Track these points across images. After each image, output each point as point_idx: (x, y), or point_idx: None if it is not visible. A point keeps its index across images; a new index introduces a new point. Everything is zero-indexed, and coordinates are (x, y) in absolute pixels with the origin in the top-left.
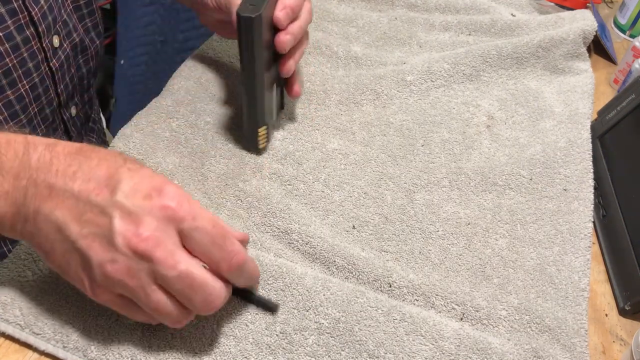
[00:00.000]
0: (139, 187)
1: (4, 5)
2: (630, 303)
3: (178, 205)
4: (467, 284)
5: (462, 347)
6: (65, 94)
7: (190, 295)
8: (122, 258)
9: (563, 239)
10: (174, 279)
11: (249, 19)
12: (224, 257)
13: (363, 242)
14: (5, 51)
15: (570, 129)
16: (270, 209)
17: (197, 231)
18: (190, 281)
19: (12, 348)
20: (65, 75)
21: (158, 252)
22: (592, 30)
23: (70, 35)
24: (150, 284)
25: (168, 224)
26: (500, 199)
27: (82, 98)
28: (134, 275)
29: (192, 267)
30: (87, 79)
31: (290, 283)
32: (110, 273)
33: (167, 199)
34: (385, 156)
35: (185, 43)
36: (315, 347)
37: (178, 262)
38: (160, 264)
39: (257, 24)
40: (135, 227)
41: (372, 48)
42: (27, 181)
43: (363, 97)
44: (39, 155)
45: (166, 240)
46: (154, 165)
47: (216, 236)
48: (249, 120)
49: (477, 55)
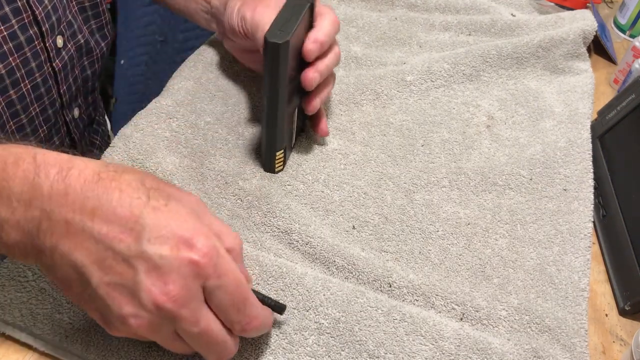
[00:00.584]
0: (166, 234)
1: (8, 4)
2: (630, 303)
3: (206, 262)
4: (467, 284)
5: (462, 347)
6: (68, 95)
7: (206, 350)
8: (145, 314)
9: (563, 239)
10: (194, 335)
11: (276, 45)
12: (240, 320)
13: (363, 242)
14: (9, 50)
15: (570, 129)
16: (270, 209)
17: (220, 290)
18: (208, 339)
19: (12, 348)
20: (69, 76)
21: (184, 311)
22: (592, 30)
23: (75, 36)
24: (170, 336)
25: (195, 280)
26: (500, 199)
27: (86, 100)
28: (156, 329)
29: (212, 325)
30: (92, 81)
31: (290, 283)
32: (132, 325)
33: (197, 253)
34: (385, 156)
35: (185, 43)
36: (315, 347)
37: (200, 320)
38: (184, 321)
39: (284, 50)
40: (162, 284)
41: (372, 48)
42: (40, 212)
43: (363, 97)
44: (51, 181)
45: (192, 298)
46: (154, 165)
47: (238, 299)
48: (267, 144)
49: (477, 55)
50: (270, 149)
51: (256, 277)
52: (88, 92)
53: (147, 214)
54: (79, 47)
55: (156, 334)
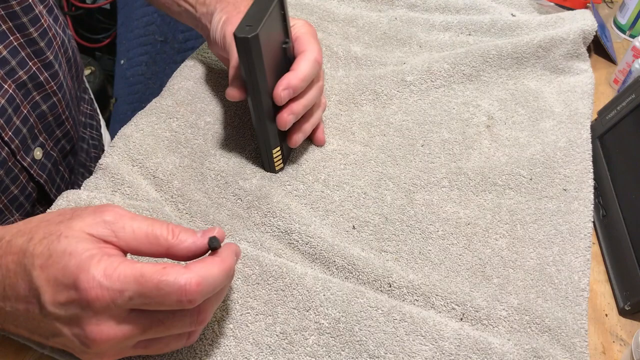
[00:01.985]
0: (57, 288)
1: None
2: (630, 303)
3: (96, 292)
4: (467, 284)
5: (462, 347)
6: (19, 139)
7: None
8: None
9: (563, 239)
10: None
11: (245, 39)
12: (174, 300)
13: (363, 242)
14: None
15: (570, 129)
16: (270, 209)
17: (132, 300)
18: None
19: (12, 348)
20: (13, 119)
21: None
22: (592, 30)
23: (14, 73)
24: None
25: (104, 310)
26: (500, 199)
27: (53, 135)
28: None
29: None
30: (54, 114)
31: (290, 283)
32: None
33: (84, 292)
34: (385, 156)
35: (185, 43)
36: (315, 347)
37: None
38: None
39: (254, 44)
40: (82, 332)
41: (372, 48)
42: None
43: (363, 98)
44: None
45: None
46: (154, 165)
47: (150, 291)
48: (261, 143)
49: (477, 55)
50: (266, 148)
51: (256, 277)
52: (52, 126)
53: (36, 276)
54: (22, 85)
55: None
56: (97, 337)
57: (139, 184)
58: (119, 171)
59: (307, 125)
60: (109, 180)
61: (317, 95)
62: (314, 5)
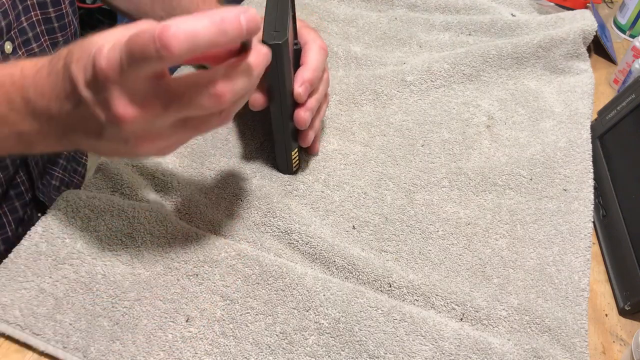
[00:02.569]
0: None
1: None
2: (630, 303)
3: (102, 62)
4: (467, 284)
5: (462, 347)
6: None
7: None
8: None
9: (563, 239)
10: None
11: (278, 46)
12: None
13: (363, 242)
14: None
15: (570, 129)
16: (270, 209)
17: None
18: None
19: (12, 348)
20: None
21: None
22: (592, 30)
23: (28, 44)
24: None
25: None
26: (500, 199)
27: None
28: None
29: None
30: None
31: (290, 283)
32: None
33: (96, 64)
34: (385, 156)
35: None
36: (315, 347)
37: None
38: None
39: (285, 49)
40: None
41: (372, 48)
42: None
43: (363, 98)
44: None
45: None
46: (154, 165)
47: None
48: (282, 146)
49: (477, 55)
50: (285, 150)
51: (256, 277)
52: None
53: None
54: (32, 56)
55: (151, 123)
56: (122, 113)
57: (139, 184)
58: (119, 171)
59: (316, 122)
60: (108, 180)
61: (326, 87)
62: (314, 5)
